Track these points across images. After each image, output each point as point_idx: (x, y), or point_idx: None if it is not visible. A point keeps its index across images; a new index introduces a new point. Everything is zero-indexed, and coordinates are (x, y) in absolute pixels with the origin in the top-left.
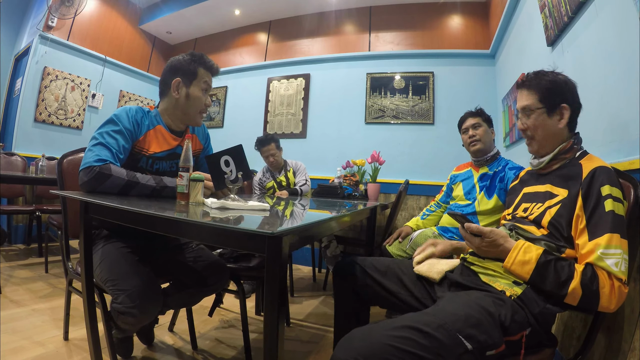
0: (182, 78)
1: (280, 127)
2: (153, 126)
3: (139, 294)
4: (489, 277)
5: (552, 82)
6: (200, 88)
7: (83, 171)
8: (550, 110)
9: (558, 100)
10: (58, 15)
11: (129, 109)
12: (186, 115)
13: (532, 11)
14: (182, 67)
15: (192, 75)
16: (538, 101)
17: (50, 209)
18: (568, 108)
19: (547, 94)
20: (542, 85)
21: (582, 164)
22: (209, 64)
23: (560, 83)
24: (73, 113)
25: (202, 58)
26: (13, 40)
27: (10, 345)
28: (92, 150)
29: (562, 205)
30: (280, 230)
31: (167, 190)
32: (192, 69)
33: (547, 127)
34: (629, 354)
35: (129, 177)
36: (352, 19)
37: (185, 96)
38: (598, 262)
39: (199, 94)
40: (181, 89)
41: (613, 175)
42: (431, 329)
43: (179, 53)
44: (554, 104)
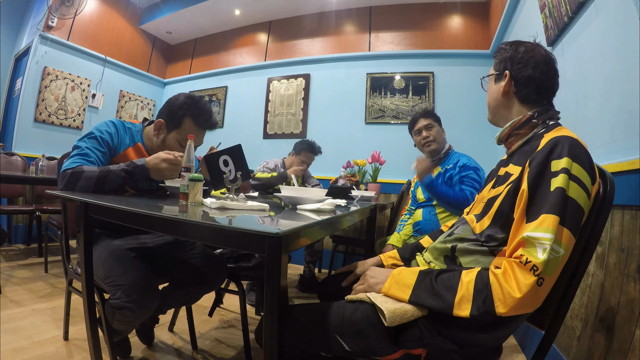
0: (166, 122)
1: (280, 127)
2: (133, 143)
3: (135, 288)
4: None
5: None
6: (178, 139)
7: (59, 177)
8: (498, 77)
9: (503, 66)
10: (58, 15)
11: (110, 123)
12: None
13: (532, 11)
14: (172, 111)
15: (176, 123)
16: (493, 68)
17: (50, 209)
18: (508, 75)
19: (501, 60)
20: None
21: (545, 136)
22: (201, 117)
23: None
24: (73, 113)
25: (196, 108)
26: (13, 40)
27: (10, 345)
28: (70, 158)
29: (510, 187)
30: (281, 230)
31: (138, 169)
32: (179, 116)
33: (491, 93)
34: (629, 354)
35: (101, 169)
36: (352, 19)
37: (162, 141)
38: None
39: (173, 144)
40: (162, 132)
41: (579, 149)
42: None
43: (179, 53)
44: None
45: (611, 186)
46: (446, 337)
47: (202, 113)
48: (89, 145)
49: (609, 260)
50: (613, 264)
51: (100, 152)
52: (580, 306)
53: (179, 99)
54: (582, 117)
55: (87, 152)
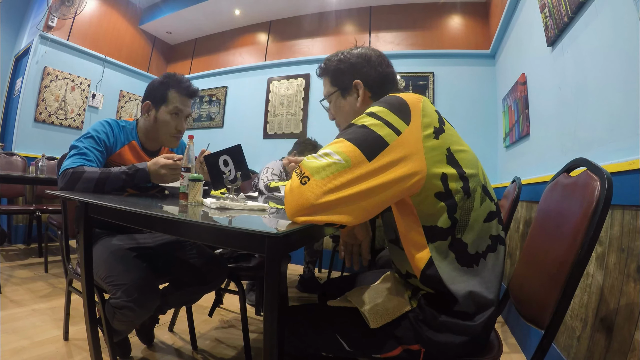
0: (152, 101)
1: (280, 127)
2: (128, 141)
3: (136, 288)
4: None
5: (340, 61)
6: (169, 112)
7: (59, 176)
8: (344, 91)
9: (348, 78)
10: (58, 15)
11: (105, 122)
12: (158, 138)
13: (532, 11)
14: (154, 89)
15: (162, 99)
16: (331, 85)
17: (50, 209)
18: (361, 83)
19: (337, 75)
20: (330, 70)
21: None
22: (181, 85)
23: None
24: (73, 113)
25: (174, 80)
26: (13, 40)
27: (10, 345)
28: (69, 158)
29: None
30: (281, 231)
31: (139, 173)
32: (162, 92)
33: (344, 110)
34: (629, 354)
35: (102, 170)
36: (352, 19)
37: (154, 120)
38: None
39: (166, 118)
40: (151, 111)
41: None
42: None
43: (179, 53)
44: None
45: (610, 186)
46: (437, 330)
47: (182, 82)
48: (87, 145)
49: (609, 261)
50: (613, 264)
51: (98, 151)
52: (580, 306)
53: (157, 79)
54: (581, 117)
55: (86, 152)
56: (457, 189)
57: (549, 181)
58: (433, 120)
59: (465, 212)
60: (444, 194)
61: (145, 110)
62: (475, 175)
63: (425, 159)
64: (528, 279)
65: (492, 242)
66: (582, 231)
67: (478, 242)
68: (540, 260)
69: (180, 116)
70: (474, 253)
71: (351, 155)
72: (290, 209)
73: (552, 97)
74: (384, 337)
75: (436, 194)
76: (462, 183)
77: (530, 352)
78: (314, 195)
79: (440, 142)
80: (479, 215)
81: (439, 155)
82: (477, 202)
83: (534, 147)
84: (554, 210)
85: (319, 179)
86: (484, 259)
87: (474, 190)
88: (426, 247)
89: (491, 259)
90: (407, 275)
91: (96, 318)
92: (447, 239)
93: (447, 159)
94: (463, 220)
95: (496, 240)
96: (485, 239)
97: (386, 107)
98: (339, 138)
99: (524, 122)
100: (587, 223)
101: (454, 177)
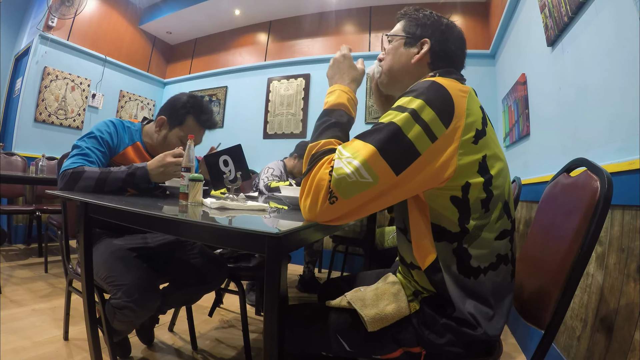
0: (168, 119)
1: (280, 127)
2: (132, 142)
3: (137, 288)
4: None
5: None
6: (178, 137)
7: (59, 177)
8: (410, 41)
9: (420, 32)
10: (58, 15)
11: (110, 122)
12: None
13: (532, 11)
14: (175, 109)
15: (178, 121)
16: (402, 30)
17: (50, 209)
18: (428, 43)
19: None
20: (411, 16)
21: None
22: (202, 117)
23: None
24: (73, 113)
25: (198, 107)
26: (13, 40)
27: (10, 345)
28: (70, 158)
29: None
30: (281, 230)
31: (139, 172)
32: (182, 114)
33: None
34: (629, 354)
35: (102, 170)
36: (352, 19)
37: (163, 138)
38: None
39: (176, 142)
40: (163, 128)
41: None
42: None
43: (179, 53)
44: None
45: (610, 186)
46: (439, 333)
47: (204, 112)
48: (89, 145)
49: (609, 261)
50: (613, 264)
51: (100, 152)
52: (580, 306)
53: (182, 98)
54: (581, 117)
55: (88, 152)
56: (476, 201)
57: (549, 181)
58: (477, 121)
59: (478, 227)
60: (460, 201)
61: (158, 125)
62: (502, 188)
63: (456, 166)
64: (528, 279)
65: (497, 261)
66: (582, 231)
67: (483, 258)
68: (540, 260)
69: (190, 144)
70: (476, 267)
71: (380, 172)
72: (316, 218)
73: (552, 97)
74: (384, 339)
75: (452, 198)
76: (484, 195)
77: (530, 352)
78: (342, 213)
79: (478, 148)
80: (492, 234)
81: (472, 164)
82: (494, 218)
83: (534, 147)
84: (554, 210)
85: (347, 200)
86: (483, 275)
87: (494, 206)
88: (433, 244)
89: (490, 276)
90: (411, 265)
91: (96, 318)
92: (453, 243)
93: (479, 167)
94: (474, 233)
95: (500, 260)
96: (492, 256)
97: (427, 103)
98: (373, 148)
99: (524, 122)
100: (587, 223)
101: (478, 187)
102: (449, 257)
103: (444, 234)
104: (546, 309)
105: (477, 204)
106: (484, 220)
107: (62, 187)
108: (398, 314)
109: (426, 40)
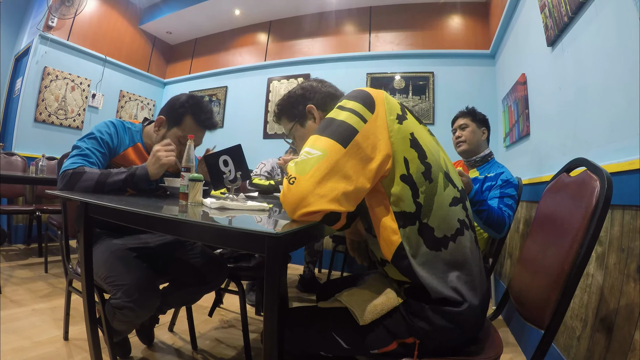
0: (167, 118)
1: (280, 127)
2: (133, 143)
3: (136, 288)
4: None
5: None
6: (176, 137)
7: (59, 177)
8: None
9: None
10: (58, 15)
11: (110, 123)
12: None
13: (532, 11)
14: (173, 108)
15: (177, 120)
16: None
17: (50, 209)
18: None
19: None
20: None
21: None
22: (200, 116)
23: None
24: (73, 113)
25: (197, 107)
26: (13, 40)
27: (10, 345)
28: (70, 158)
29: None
30: (281, 231)
31: (139, 171)
32: (180, 113)
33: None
34: (629, 354)
35: (102, 171)
36: (352, 19)
37: (161, 137)
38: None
39: (173, 141)
40: (162, 128)
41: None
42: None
43: (179, 53)
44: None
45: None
46: (427, 321)
47: (203, 112)
48: (89, 146)
49: (609, 261)
50: (613, 264)
51: (100, 152)
52: (580, 306)
53: (181, 98)
54: (581, 117)
55: (88, 153)
56: (418, 174)
57: (549, 181)
58: (396, 108)
59: (429, 197)
60: (407, 177)
61: (157, 124)
62: (437, 161)
63: (390, 142)
64: (528, 278)
65: (461, 226)
66: (582, 231)
67: (445, 225)
68: (540, 260)
69: (189, 145)
70: (442, 237)
71: (326, 146)
72: (288, 208)
73: (552, 97)
74: (379, 333)
75: (401, 177)
76: (423, 168)
77: (530, 352)
78: (304, 188)
79: (404, 127)
80: (444, 200)
81: (403, 140)
82: (440, 186)
83: (534, 147)
84: (553, 210)
85: (304, 174)
86: (453, 242)
87: (435, 176)
88: (398, 232)
89: (461, 241)
90: (382, 262)
91: (96, 318)
92: (416, 223)
93: (410, 142)
94: (427, 205)
95: (463, 225)
96: (454, 222)
97: (352, 99)
98: (314, 135)
99: (524, 122)
100: (587, 223)
101: (415, 162)
102: (414, 241)
103: (406, 217)
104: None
105: (420, 178)
106: (432, 190)
107: (62, 187)
108: (388, 305)
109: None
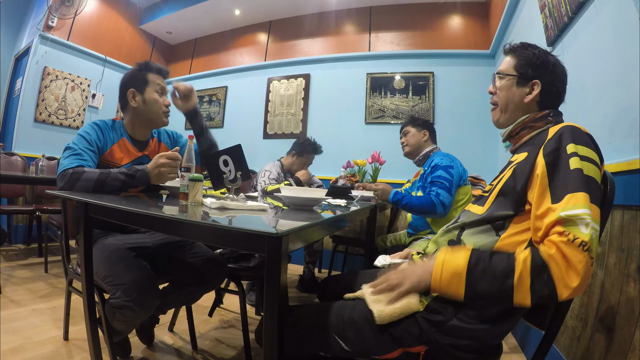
0: (135, 87)
1: (280, 127)
2: (118, 139)
3: (136, 288)
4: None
5: (536, 55)
6: (154, 90)
7: (59, 176)
8: (522, 81)
9: (532, 73)
10: (58, 15)
11: (94, 124)
12: (150, 119)
13: (532, 11)
14: (132, 77)
15: (143, 82)
16: (513, 68)
17: (50, 209)
18: (539, 84)
19: (526, 63)
20: (523, 55)
21: (550, 129)
22: (156, 67)
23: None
24: (73, 113)
25: (148, 65)
26: (13, 40)
27: (10, 345)
28: (66, 159)
29: (516, 167)
30: (281, 230)
31: (139, 174)
32: (142, 76)
33: (510, 95)
34: (629, 354)
35: (101, 171)
36: (352, 19)
37: (143, 102)
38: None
39: (154, 96)
40: (137, 96)
41: (580, 133)
42: (315, 326)
43: (179, 53)
44: (526, 77)
45: (611, 186)
46: (446, 333)
47: (154, 66)
48: (81, 147)
49: (609, 260)
50: (613, 264)
51: (91, 151)
52: (580, 306)
53: (128, 72)
54: (581, 117)
55: (80, 153)
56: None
57: None
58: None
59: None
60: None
61: (130, 98)
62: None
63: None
64: None
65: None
66: None
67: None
68: None
69: (164, 93)
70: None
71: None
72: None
73: None
74: (382, 339)
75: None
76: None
77: (530, 352)
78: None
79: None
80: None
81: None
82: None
83: None
84: None
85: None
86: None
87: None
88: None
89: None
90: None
91: (96, 318)
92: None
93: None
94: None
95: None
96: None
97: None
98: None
99: None
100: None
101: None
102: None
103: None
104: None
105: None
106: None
107: (62, 186)
108: (407, 310)
109: (537, 82)
